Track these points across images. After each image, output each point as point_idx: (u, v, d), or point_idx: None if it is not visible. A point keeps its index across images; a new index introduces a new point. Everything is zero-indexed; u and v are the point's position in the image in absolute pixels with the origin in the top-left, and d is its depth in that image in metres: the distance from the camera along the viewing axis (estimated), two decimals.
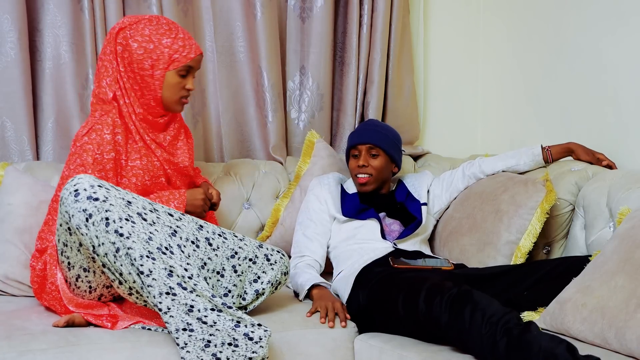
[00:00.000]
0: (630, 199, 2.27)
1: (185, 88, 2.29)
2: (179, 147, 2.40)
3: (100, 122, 2.22)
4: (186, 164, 2.39)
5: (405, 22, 3.22)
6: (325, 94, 3.13)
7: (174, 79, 2.26)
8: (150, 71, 2.24)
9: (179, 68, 2.25)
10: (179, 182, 2.40)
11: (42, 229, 2.25)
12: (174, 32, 2.26)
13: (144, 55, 2.23)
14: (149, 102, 2.28)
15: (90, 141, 2.20)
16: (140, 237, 1.91)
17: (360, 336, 2.23)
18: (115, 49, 2.25)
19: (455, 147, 3.34)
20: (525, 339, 1.78)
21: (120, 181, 2.25)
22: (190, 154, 2.44)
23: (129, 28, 2.25)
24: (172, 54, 2.24)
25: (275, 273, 2.19)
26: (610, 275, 1.97)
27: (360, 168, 2.63)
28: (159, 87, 2.26)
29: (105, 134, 2.21)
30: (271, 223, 2.83)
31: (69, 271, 2.06)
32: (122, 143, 2.24)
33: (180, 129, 2.42)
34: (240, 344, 1.90)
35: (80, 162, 2.19)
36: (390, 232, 2.60)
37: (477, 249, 2.54)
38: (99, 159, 2.19)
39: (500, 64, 3.32)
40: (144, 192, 2.28)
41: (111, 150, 2.21)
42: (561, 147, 2.66)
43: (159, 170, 2.33)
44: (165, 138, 2.35)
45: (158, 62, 2.24)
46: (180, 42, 2.25)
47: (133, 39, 2.24)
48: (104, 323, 2.05)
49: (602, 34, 2.71)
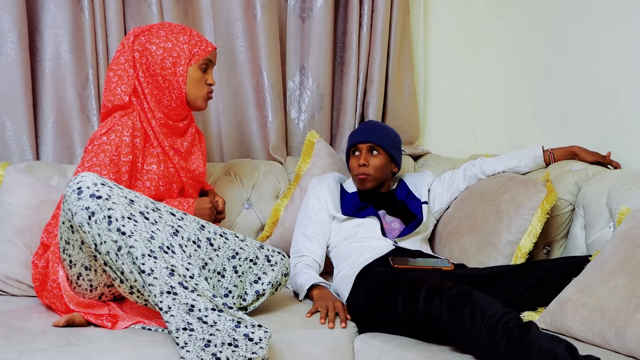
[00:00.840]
0: (630, 199, 2.27)
1: (207, 83, 2.33)
2: (193, 153, 2.42)
3: (121, 124, 2.22)
4: (201, 170, 2.42)
5: (405, 22, 3.22)
6: (325, 94, 3.13)
7: (197, 74, 2.30)
8: (172, 69, 2.26)
9: (200, 62, 2.30)
10: (192, 191, 2.41)
11: (50, 222, 2.24)
12: (187, 31, 2.32)
13: (165, 55, 2.26)
14: (171, 104, 2.29)
15: (109, 142, 2.20)
16: (142, 235, 1.91)
17: (360, 336, 2.23)
18: (133, 56, 2.27)
19: (455, 147, 3.34)
20: (525, 339, 1.78)
21: (134, 184, 2.25)
22: (204, 159, 2.46)
23: (142, 34, 2.29)
24: (191, 49, 2.28)
25: (276, 274, 2.19)
26: (610, 275, 1.97)
27: (360, 167, 2.63)
28: (183, 84, 2.28)
29: (125, 136, 2.21)
30: (271, 223, 2.83)
31: (70, 269, 2.06)
32: (140, 147, 2.25)
33: (196, 135, 2.44)
34: (240, 345, 1.90)
35: (96, 162, 2.18)
36: (391, 230, 2.60)
37: (477, 249, 2.54)
38: (116, 161, 2.19)
39: (500, 63, 3.32)
40: (156, 198, 2.28)
41: (129, 153, 2.22)
42: (564, 150, 2.66)
43: (174, 177, 2.34)
44: (183, 144, 2.37)
45: (179, 58, 2.27)
46: (197, 38, 2.31)
47: (150, 42, 2.27)
48: (104, 323, 2.06)
49: (602, 33, 2.71)
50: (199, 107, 2.36)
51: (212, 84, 2.35)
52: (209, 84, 2.34)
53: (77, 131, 2.80)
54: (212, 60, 2.35)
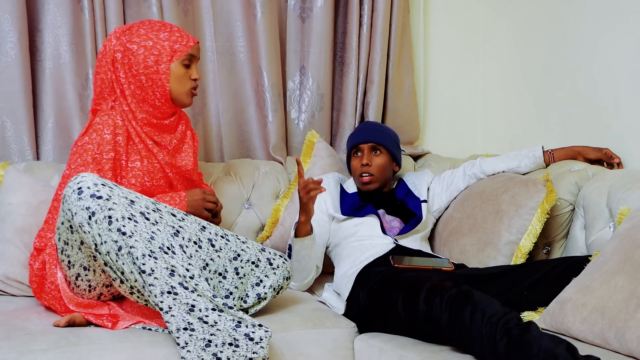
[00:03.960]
0: (630, 199, 2.27)
1: (192, 78, 2.32)
2: (183, 150, 2.41)
3: (102, 123, 2.24)
4: (189, 167, 2.40)
5: (405, 22, 3.22)
6: (325, 94, 3.13)
7: (180, 70, 2.29)
8: (155, 67, 2.26)
9: (182, 57, 2.29)
10: (180, 186, 2.40)
11: (42, 228, 2.26)
12: (167, 27, 2.31)
13: (147, 53, 2.25)
14: (155, 102, 2.29)
15: (91, 141, 2.22)
16: (142, 236, 1.92)
17: (361, 336, 2.23)
18: (114, 58, 2.27)
19: (455, 147, 3.34)
20: (525, 339, 1.78)
21: (120, 181, 2.26)
22: (195, 157, 2.45)
23: (123, 34, 2.29)
24: (172, 45, 2.27)
25: (278, 277, 2.19)
26: (610, 275, 1.97)
27: (363, 167, 2.63)
28: (167, 81, 2.27)
29: (106, 134, 2.22)
30: (271, 223, 2.83)
31: (68, 270, 2.06)
32: (123, 144, 2.25)
33: (187, 132, 2.43)
34: (240, 344, 1.90)
35: (80, 162, 2.20)
36: (391, 229, 2.60)
37: (477, 249, 2.54)
38: (98, 159, 2.21)
39: (500, 63, 3.32)
40: (143, 193, 2.28)
41: (111, 150, 2.22)
42: (564, 151, 2.66)
43: (159, 172, 2.33)
44: (172, 141, 2.36)
45: (161, 55, 2.26)
46: (177, 34, 2.30)
47: (131, 42, 2.26)
48: (105, 323, 2.06)
49: (603, 33, 2.71)
50: (183, 103, 2.34)
51: (196, 78, 2.33)
52: (194, 79, 2.33)
53: (77, 131, 2.80)
54: (195, 55, 2.33)
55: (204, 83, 3.03)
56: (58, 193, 2.25)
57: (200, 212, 2.33)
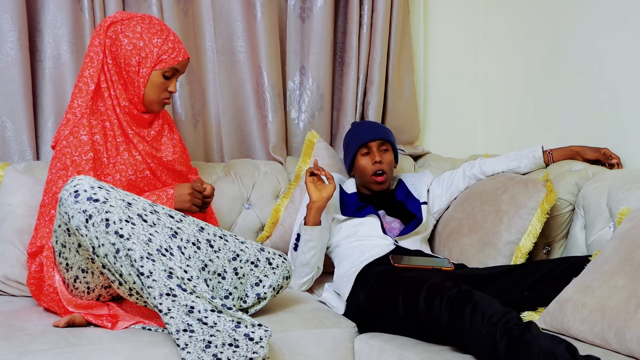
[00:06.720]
0: (630, 199, 2.27)
1: (168, 90, 2.30)
2: (163, 143, 2.39)
3: (77, 124, 2.23)
4: (169, 158, 2.37)
5: (405, 22, 3.22)
6: (325, 94, 3.13)
7: (159, 79, 2.27)
8: (136, 68, 2.25)
9: (165, 69, 2.27)
10: (165, 177, 2.38)
11: (33, 235, 2.25)
12: (164, 34, 2.28)
13: (133, 52, 2.24)
14: (133, 98, 2.29)
15: (68, 144, 2.21)
16: (140, 238, 1.91)
17: (361, 336, 2.23)
18: (105, 41, 2.26)
19: (455, 147, 3.34)
20: (525, 339, 1.78)
21: (104, 179, 2.24)
22: (175, 149, 2.41)
23: (120, 23, 2.27)
24: (160, 54, 2.25)
25: (277, 277, 2.18)
26: (610, 275, 1.97)
27: (376, 165, 2.63)
28: (143, 85, 2.26)
29: (82, 135, 2.22)
30: (271, 223, 2.83)
31: (66, 272, 2.06)
32: (102, 141, 2.25)
33: (164, 125, 2.41)
34: (240, 345, 1.90)
35: (60, 167, 2.20)
36: (391, 230, 2.60)
37: (477, 249, 2.54)
38: (77, 161, 2.20)
39: (500, 64, 3.32)
40: (130, 187, 2.28)
41: (89, 150, 2.22)
42: (563, 151, 2.66)
43: (142, 164, 2.32)
44: (150, 133, 2.35)
45: (146, 60, 2.25)
46: (170, 44, 2.27)
47: (124, 34, 2.25)
48: (104, 323, 2.05)
49: (603, 33, 2.71)
50: (152, 110, 2.32)
51: (172, 92, 2.31)
52: (170, 91, 2.31)
53: None
54: (180, 70, 2.31)
55: (204, 83, 3.03)
56: (44, 199, 2.24)
57: (189, 208, 2.29)
